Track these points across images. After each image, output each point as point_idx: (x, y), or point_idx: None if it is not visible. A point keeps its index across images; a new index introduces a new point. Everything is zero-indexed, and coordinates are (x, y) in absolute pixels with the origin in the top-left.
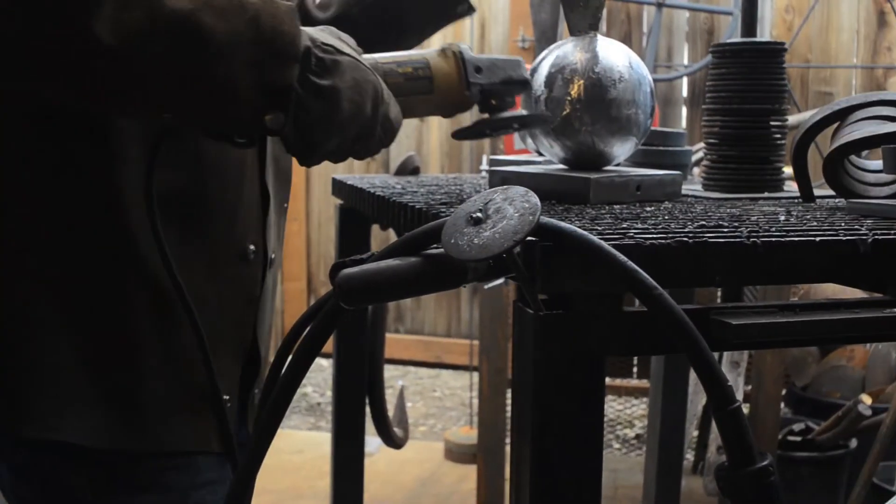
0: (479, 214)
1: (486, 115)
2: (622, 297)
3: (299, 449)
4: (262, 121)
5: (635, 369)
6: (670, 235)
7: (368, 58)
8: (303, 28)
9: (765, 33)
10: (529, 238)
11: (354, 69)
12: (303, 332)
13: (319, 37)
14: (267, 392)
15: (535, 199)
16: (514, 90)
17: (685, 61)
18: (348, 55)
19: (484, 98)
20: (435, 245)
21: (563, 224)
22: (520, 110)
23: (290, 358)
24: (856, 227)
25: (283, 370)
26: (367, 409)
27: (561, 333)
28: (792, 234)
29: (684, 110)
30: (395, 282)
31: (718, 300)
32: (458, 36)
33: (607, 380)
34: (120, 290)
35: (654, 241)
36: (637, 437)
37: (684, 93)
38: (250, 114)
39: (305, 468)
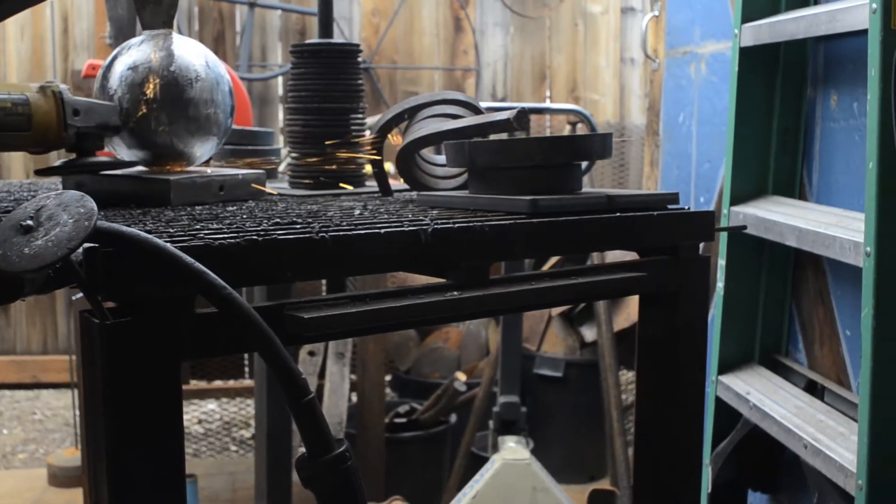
0: (29, 222)
1: (74, 156)
2: (195, 299)
3: None
4: None
5: (247, 369)
6: (242, 234)
7: None
8: None
9: (354, 35)
10: (89, 245)
11: None
12: None
13: None
14: None
15: (91, 203)
16: (107, 134)
17: (279, 61)
18: None
19: (78, 140)
20: None
21: (123, 228)
22: (111, 157)
23: None
24: (421, 217)
25: None
26: None
27: (130, 342)
28: (361, 227)
29: (280, 109)
30: None
31: (324, 292)
32: (38, 30)
33: (219, 382)
34: None
35: (223, 241)
36: (253, 437)
37: (280, 92)
38: None
39: None
